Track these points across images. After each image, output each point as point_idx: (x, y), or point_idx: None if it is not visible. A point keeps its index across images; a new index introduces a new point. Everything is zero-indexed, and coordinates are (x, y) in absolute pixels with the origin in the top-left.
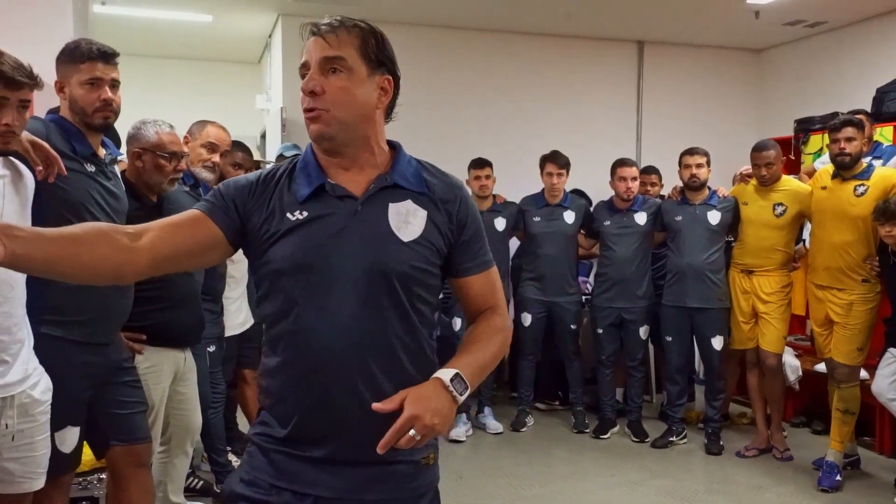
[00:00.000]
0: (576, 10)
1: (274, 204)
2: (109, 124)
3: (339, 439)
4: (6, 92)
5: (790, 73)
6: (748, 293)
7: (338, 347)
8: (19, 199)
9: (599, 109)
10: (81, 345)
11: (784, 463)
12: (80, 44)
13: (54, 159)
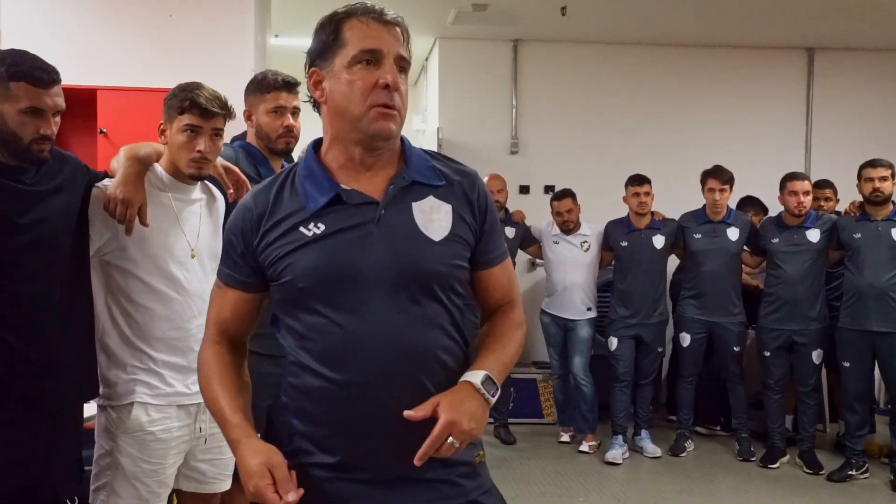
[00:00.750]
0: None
1: (280, 221)
2: (291, 149)
3: (394, 455)
4: (200, 121)
5: None
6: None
7: (381, 361)
8: (213, 220)
9: (765, 121)
10: (263, 356)
11: None
12: (267, 75)
13: (244, 183)
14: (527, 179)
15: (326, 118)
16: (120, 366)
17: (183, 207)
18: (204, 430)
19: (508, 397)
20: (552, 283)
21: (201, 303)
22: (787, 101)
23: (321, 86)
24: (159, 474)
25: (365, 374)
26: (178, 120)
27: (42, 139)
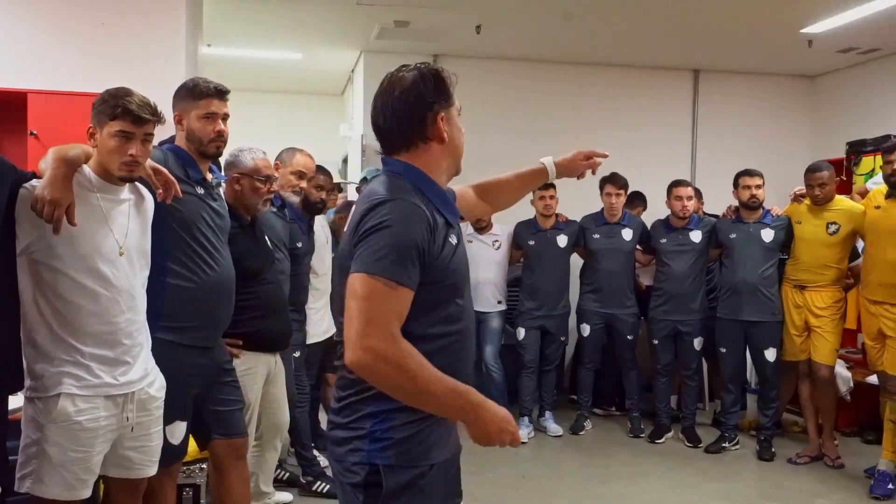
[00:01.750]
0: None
1: (440, 231)
2: (221, 153)
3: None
4: (132, 127)
5: (843, 98)
6: (801, 307)
7: (471, 330)
8: (141, 219)
9: (656, 133)
10: (192, 348)
11: (836, 470)
12: (199, 82)
13: (172, 183)
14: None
15: (441, 153)
16: (47, 359)
17: (111, 207)
18: (131, 420)
19: None
20: None
21: (129, 299)
22: (676, 116)
23: (442, 127)
24: (86, 462)
25: (470, 345)
26: (109, 125)
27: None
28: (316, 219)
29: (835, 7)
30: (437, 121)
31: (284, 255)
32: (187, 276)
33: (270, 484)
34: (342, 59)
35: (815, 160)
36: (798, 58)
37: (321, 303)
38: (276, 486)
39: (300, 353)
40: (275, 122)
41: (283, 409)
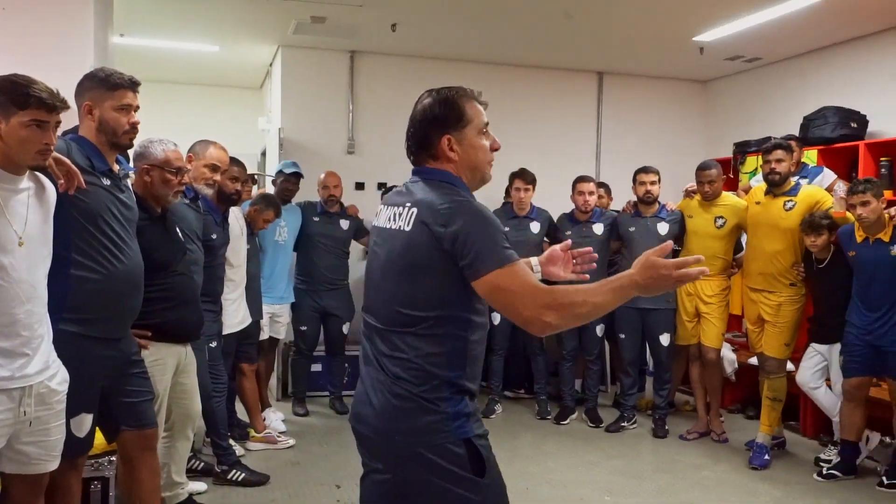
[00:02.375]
0: (544, 45)
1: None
2: (132, 144)
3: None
4: (46, 116)
5: (731, 102)
6: (692, 295)
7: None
8: (42, 209)
9: (563, 132)
10: (98, 340)
11: (721, 445)
12: (113, 73)
13: (75, 174)
14: (362, 177)
15: (455, 169)
16: None
17: (9, 197)
18: (28, 414)
19: (344, 372)
20: None
21: (30, 289)
22: (582, 116)
23: (445, 148)
24: None
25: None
26: (19, 115)
27: None
28: (231, 211)
29: (722, 17)
30: (440, 143)
31: (198, 247)
32: (93, 267)
33: (183, 474)
34: (260, 53)
35: (705, 159)
36: (691, 64)
37: (236, 293)
38: (191, 476)
39: (216, 344)
40: (192, 115)
41: (194, 399)
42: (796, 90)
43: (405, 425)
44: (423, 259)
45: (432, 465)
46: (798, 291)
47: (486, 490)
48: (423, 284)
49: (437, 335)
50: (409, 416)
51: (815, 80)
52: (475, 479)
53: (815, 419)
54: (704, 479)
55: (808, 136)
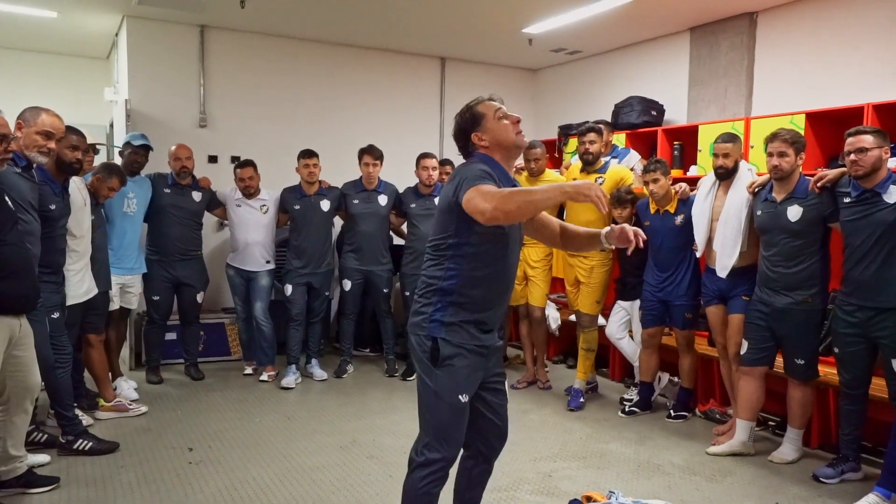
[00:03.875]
0: (390, 29)
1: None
2: None
3: (497, 320)
4: None
5: (556, 89)
6: (521, 261)
7: (512, 274)
8: None
9: (410, 111)
10: None
11: (545, 392)
12: None
13: None
14: (215, 150)
15: (490, 151)
16: None
17: None
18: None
19: (198, 339)
20: (235, 240)
21: None
22: (426, 97)
23: (477, 141)
24: None
25: (507, 280)
26: None
27: None
28: (72, 181)
29: (548, 12)
30: (472, 140)
31: (33, 217)
32: None
33: (21, 447)
34: (103, 22)
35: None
36: (522, 53)
37: (80, 264)
38: (34, 449)
39: (59, 315)
40: (32, 83)
41: (32, 372)
42: (609, 81)
43: (411, 318)
44: (444, 203)
45: (415, 347)
46: (607, 256)
47: (437, 378)
48: (441, 221)
49: (441, 258)
50: (413, 313)
51: (624, 73)
52: (430, 367)
53: (621, 366)
54: (530, 421)
55: (618, 121)
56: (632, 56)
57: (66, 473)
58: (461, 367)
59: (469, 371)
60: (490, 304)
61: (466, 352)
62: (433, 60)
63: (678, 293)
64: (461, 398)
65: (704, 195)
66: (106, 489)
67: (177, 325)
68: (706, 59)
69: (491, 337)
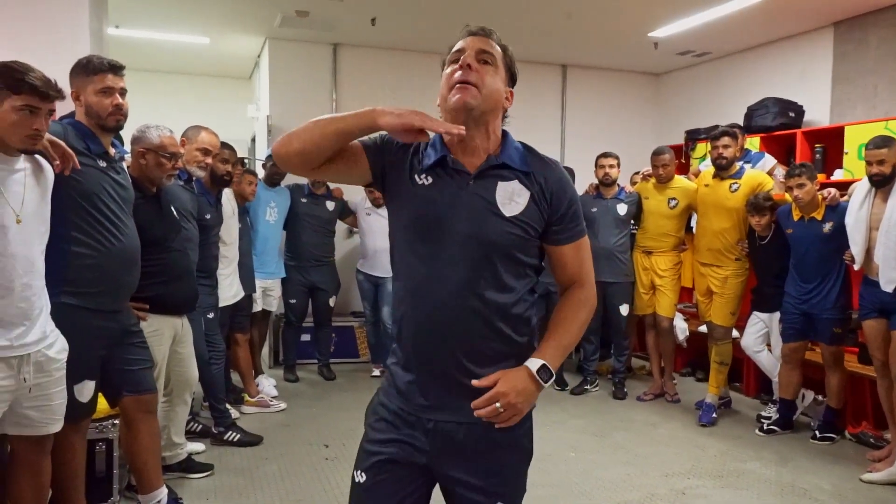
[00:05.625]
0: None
1: (408, 166)
2: (120, 126)
3: (436, 376)
4: (39, 103)
5: (683, 93)
6: (648, 270)
7: (442, 304)
8: (39, 188)
9: (531, 119)
10: (95, 312)
11: (673, 405)
12: (92, 59)
13: (70, 156)
14: None
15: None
16: None
17: (6, 177)
18: (28, 381)
19: (330, 341)
20: (365, 247)
21: (27, 264)
22: (547, 105)
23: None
24: None
25: (430, 312)
26: (12, 99)
27: None
28: (223, 192)
29: (675, 15)
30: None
31: (193, 226)
32: (90, 244)
33: (182, 435)
34: (248, 45)
35: (659, 145)
36: (646, 58)
37: (230, 269)
38: (189, 437)
39: (213, 315)
40: (185, 103)
41: (191, 366)
42: (741, 83)
43: None
44: None
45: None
46: (742, 265)
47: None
48: None
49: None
50: None
51: (758, 74)
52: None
53: (756, 380)
54: (659, 435)
55: (751, 124)
56: (766, 55)
57: (218, 462)
58: (382, 394)
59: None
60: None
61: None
62: (554, 68)
63: (825, 306)
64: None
65: (860, 203)
66: (252, 479)
67: (311, 327)
68: (852, 56)
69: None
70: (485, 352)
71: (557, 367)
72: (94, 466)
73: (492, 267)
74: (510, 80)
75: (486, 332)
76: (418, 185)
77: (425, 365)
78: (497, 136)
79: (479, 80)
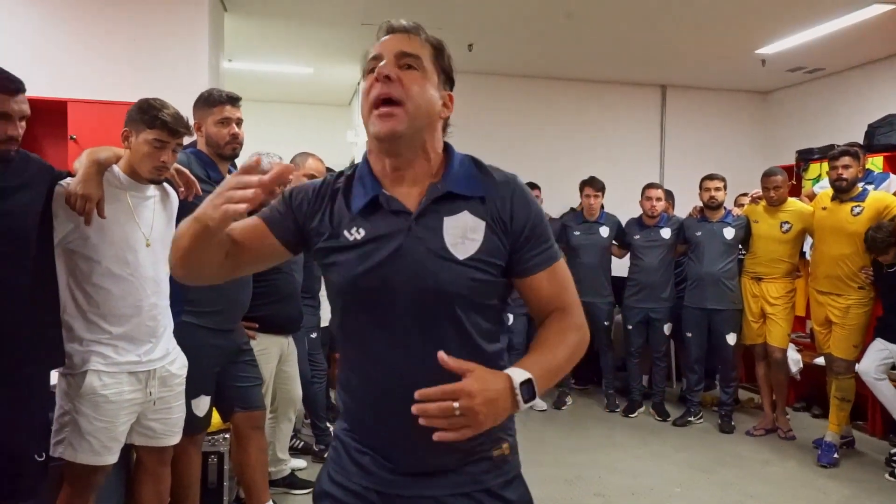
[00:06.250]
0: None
1: (331, 216)
2: (237, 154)
3: (406, 454)
4: (168, 138)
5: (793, 112)
6: (757, 297)
7: (402, 373)
8: (166, 214)
9: (629, 142)
10: (213, 331)
11: (787, 441)
12: (213, 92)
13: (193, 183)
14: None
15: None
16: (77, 339)
17: (138, 203)
18: (153, 394)
19: None
20: None
21: (154, 285)
22: (646, 126)
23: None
24: (111, 431)
25: (384, 384)
26: (146, 133)
27: (9, 140)
28: None
29: (785, 31)
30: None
31: None
32: None
33: (286, 451)
34: (349, 73)
35: (767, 167)
36: (753, 76)
37: None
38: (292, 454)
39: (316, 335)
40: (288, 130)
41: (295, 384)
42: (859, 99)
43: None
44: None
45: None
46: (867, 294)
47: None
48: None
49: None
50: None
51: (880, 89)
52: None
53: (883, 419)
54: (772, 474)
55: (873, 143)
56: (889, 69)
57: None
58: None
59: None
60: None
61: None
62: (653, 89)
63: None
64: None
65: None
66: None
67: None
68: None
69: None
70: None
71: (542, 393)
72: (206, 478)
73: (456, 324)
74: (447, 82)
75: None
76: (349, 242)
77: (390, 438)
78: (438, 154)
79: (402, 94)
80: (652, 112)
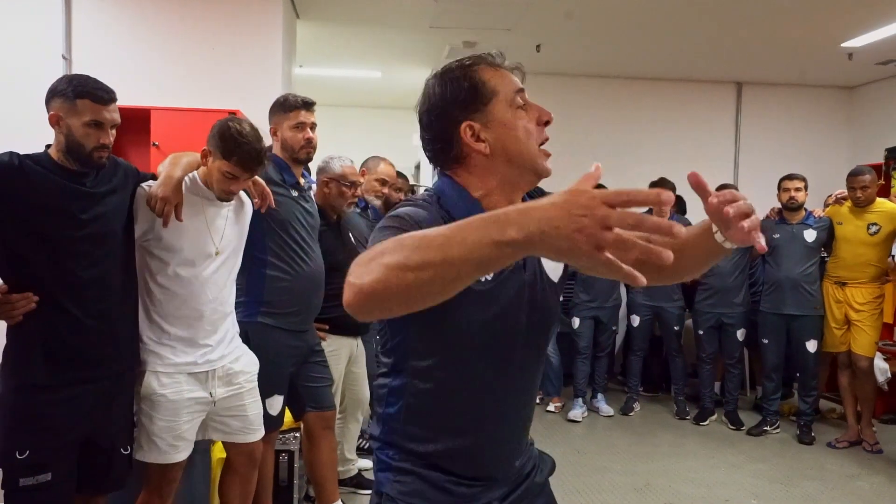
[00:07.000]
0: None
1: None
2: (310, 158)
3: (507, 473)
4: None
5: (881, 107)
6: (841, 302)
7: (507, 414)
8: (238, 224)
9: (702, 142)
10: (287, 332)
11: (874, 455)
12: (288, 97)
13: (268, 195)
14: None
15: (488, 166)
16: (140, 339)
17: (213, 212)
18: (215, 395)
19: None
20: None
21: (216, 289)
22: (721, 125)
23: (481, 140)
24: (174, 430)
25: (498, 425)
26: (222, 162)
27: (101, 147)
28: None
29: (874, 22)
30: (459, 134)
31: None
32: (284, 268)
33: (354, 451)
34: (416, 76)
35: (852, 166)
36: (838, 70)
37: None
38: (359, 454)
39: None
40: (357, 133)
41: (363, 385)
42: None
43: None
44: None
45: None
46: None
47: None
48: None
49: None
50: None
51: None
52: None
53: None
54: (859, 489)
55: None
56: None
57: None
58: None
59: None
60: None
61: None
62: (728, 86)
63: None
64: None
65: None
66: None
67: None
68: None
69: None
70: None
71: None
72: (277, 475)
73: (547, 341)
74: None
75: (531, 411)
76: (480, 285)
77: (494, 462)
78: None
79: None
80: (726, 110)
